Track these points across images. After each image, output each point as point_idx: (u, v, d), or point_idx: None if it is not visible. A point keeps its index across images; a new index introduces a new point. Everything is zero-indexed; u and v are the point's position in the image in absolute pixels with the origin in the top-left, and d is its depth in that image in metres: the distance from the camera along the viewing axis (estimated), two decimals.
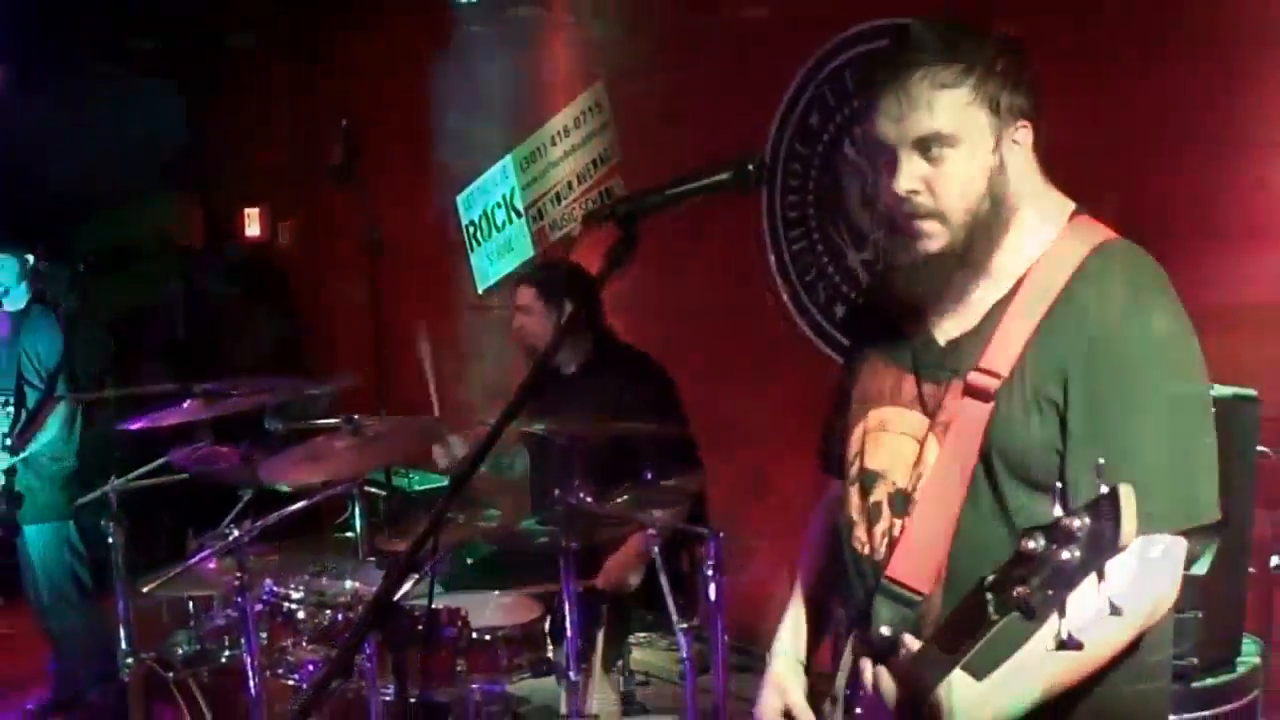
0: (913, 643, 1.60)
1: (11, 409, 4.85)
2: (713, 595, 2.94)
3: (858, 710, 1.71)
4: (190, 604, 3.90)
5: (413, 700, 3.07)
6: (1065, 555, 1.30)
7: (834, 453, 2.06)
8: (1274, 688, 3.45)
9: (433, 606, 3.11)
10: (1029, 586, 1.33)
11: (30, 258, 4.87)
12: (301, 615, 3.27)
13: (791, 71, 4.95)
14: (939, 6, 4.50)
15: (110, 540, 3.78)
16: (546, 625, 3.40)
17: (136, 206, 7.87)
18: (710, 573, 2.94)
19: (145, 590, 3.37)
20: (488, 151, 6.46)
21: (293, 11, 7.31)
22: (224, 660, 3.70)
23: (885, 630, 1.66)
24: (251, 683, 3.12)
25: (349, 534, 4.41)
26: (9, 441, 4.80)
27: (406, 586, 2.86)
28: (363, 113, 6.56)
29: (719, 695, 2.99)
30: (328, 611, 3.25)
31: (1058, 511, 1.31)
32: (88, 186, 7.43)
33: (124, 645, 3.78)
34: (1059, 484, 1.37)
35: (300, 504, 3.37)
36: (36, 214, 6.18)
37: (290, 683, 3.28)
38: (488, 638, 3.24)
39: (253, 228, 8.17)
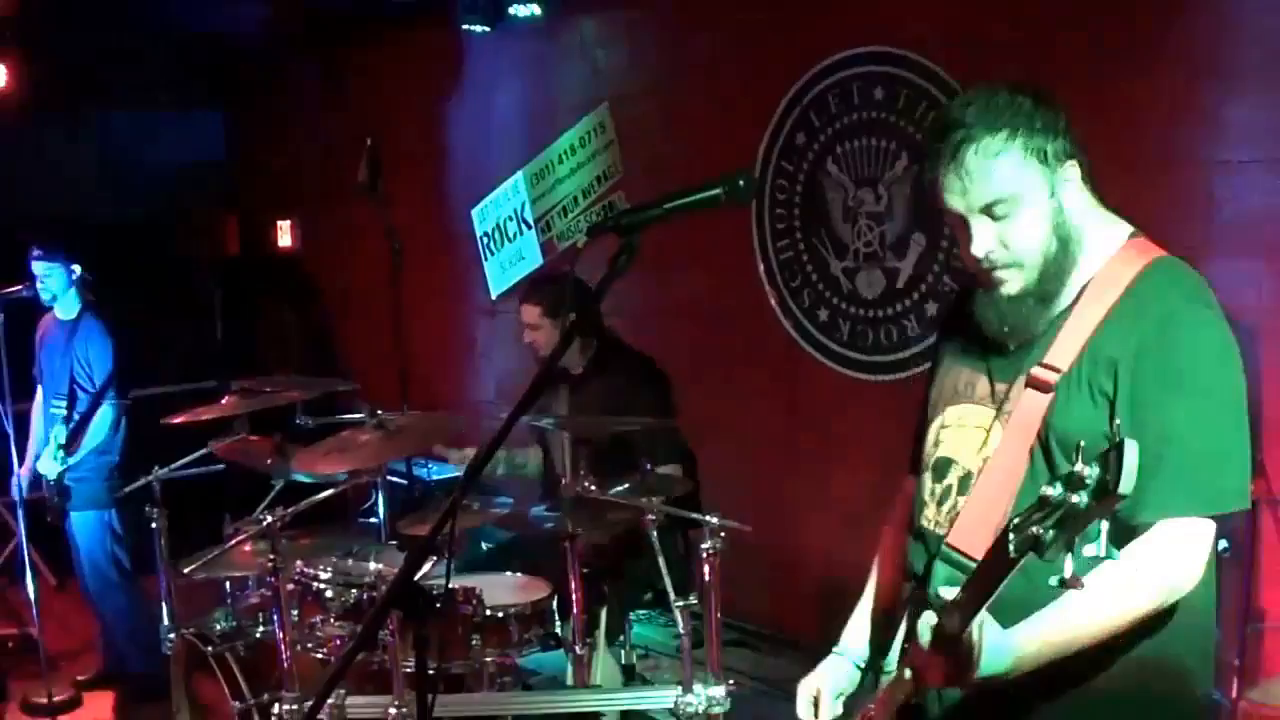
0: (949, 592, 1.64)
1: (65, 413, 4.84)
2: (707, 576, 2.94)
3: (911, 660, 1.75)
4: (227, 584, 3.90)
5: (431, 671, 3.07)
6: (1074, 499, 1.36)
7: (919, 452, 2.09)
8: (1220, 659, 3.46)
9: (450, 586, 3.11)
10: (1043, 527, 1.39)
11: (77, 268, 4.85)
12: (329, 594, 3.27)
13: (779, 95, 4.96)
14: (914, 36, 4.51)
15: (154, 525, 3.78)
16: (554, 603, 3.40)
17: (178, 219, 7.89)
18: (704, 555, 2.94)
19: (186, 571, 3.36)
20: (501, 168, 6.46)
21: (322, 42, 7.31)
22: (258, 635, 3.70)
23: (942, 592, 1.69)
24: (283, 656, 3.12)
25: (373, 519, 4.42)
26: (60, 452, 4.78)
27: (426, 568, 2.87)
28: (386, 133, 6.57)
29: (713, 667, 2.99)
30: (353, 591, 3.25)
31: (1078, 466, 1.36)
32: (134, 204, 7.45)
33: (166, 621, 3.78)
34: (1081, 443, 1.41)
35: (328, 492, 3.37)
36: (85, 228, 6.18)
37: (319, 656, 3.28)
38: (500, 615, 3.25)
39: (284, 239, 8.17)
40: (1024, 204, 1.78)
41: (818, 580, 4.93)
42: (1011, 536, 1.44)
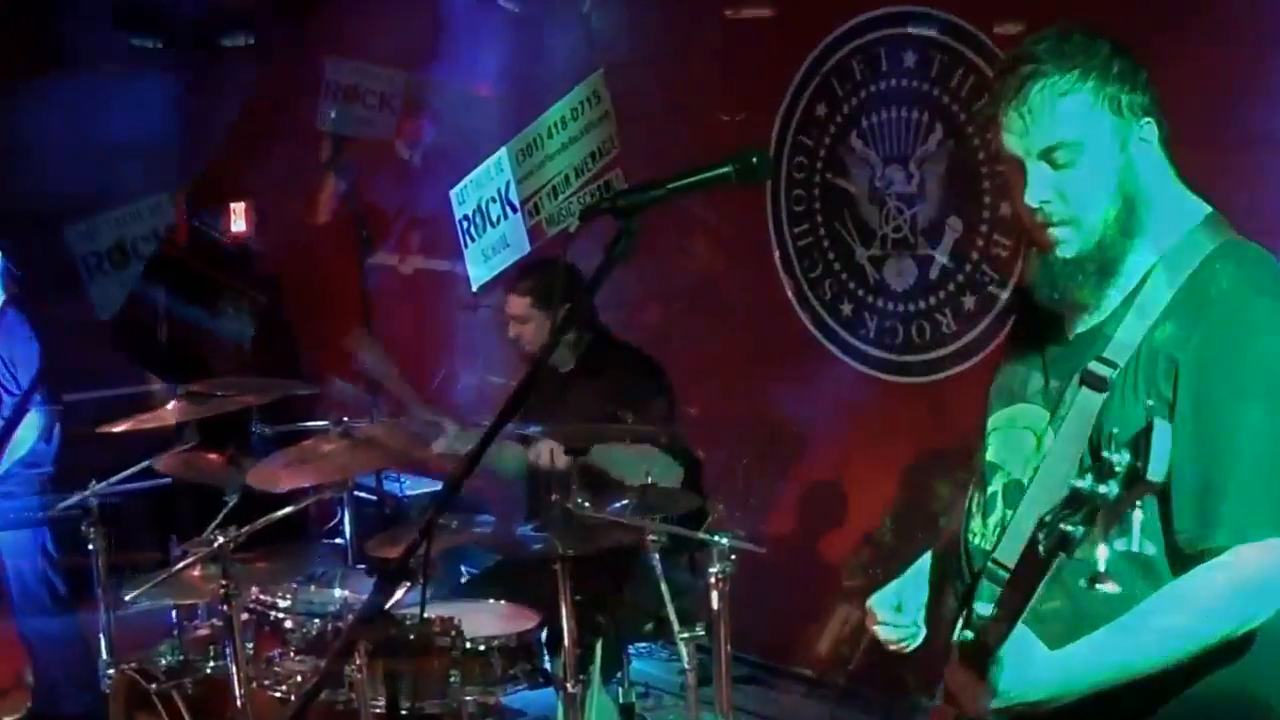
0: (987, 609, 1.66)
1: None
2: (715, 604, 2.93)
3: (948, 683, 1.78)
4: (173, 613, 3.90)
5: (404, 712, 3.07)
6: (1103, 489, 1.39)
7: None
8: None
9: (425, 615, 3.10)
10: (1071, 524, 1.42)
11: None
12: (289, 624, 3.27)
13: (797, 60, 4.95)
14: None
15: (91, 547, 3.78)
16: (543, 635, 3.40)
17: (123, 203, 7.88)
18: (713, 580, 2.94)
19: (128, 598, 3.37)
20: (482, 144, 6.45)
21: (282, 6, 7.30)
22: (208, 671, 3.69)
23: (979, 609, 1.72)
24: (237, 694, 3.12)
25: (338, 540, 4.42)
26: None
27: (398, 595, 2.86)
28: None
29: (721, 706, 2.99)
30: (316, 620, 3.25)
31: (1106, 453, 1.40)
32: (74, 184, 7.44)
33: (105, 655, 3.78)
34: (1113, 431, 1.45)
35: (288, 509, 3.37)
36: (14, 213, 6.17)
37: (277, 694, 3.28)
38: (482, 648, 3.25)
39: (238, 223, 8.16)
40: (1088, 153, 1.78)
41: (838, 609, 4.92)
42: (1040, 535, 1.46)
